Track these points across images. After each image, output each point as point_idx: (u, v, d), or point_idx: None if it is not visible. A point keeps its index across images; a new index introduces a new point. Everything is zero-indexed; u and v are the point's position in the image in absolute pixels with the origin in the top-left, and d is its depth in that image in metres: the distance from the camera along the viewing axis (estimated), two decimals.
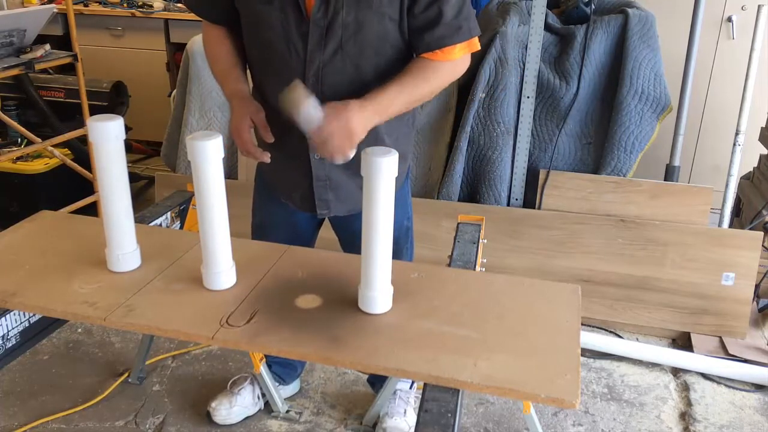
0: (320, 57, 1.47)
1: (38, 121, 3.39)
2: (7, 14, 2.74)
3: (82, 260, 1.44)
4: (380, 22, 1.44)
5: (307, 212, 1.74)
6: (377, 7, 1.42)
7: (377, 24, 1.44)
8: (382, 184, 1.17)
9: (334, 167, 1.60)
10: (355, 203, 1.69)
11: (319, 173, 1.63)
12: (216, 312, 1.27)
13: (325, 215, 1.73)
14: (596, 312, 2.63)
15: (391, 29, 1.46)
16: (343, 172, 1.63)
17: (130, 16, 4.08)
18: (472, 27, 1.48)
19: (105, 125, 1.29)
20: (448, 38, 1.45)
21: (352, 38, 1.45)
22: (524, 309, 1.32)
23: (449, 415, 1.15)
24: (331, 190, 1.66)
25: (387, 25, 1.45)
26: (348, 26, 1.43)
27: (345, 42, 1.45)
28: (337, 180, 1.65)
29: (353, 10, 1.42)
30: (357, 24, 1.43)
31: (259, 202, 1.88)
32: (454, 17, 1.44)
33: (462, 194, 2.81)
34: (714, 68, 3.45)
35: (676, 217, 2.57)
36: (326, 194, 1.67)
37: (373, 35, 1.45)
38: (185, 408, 2.15)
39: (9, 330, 1.48)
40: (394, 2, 1.42)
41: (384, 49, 1.48)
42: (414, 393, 2.08)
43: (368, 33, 1.44)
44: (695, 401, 2.25)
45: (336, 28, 1.44)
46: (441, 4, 1.42)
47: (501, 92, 2.70)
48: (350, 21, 1.43)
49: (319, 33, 1.45)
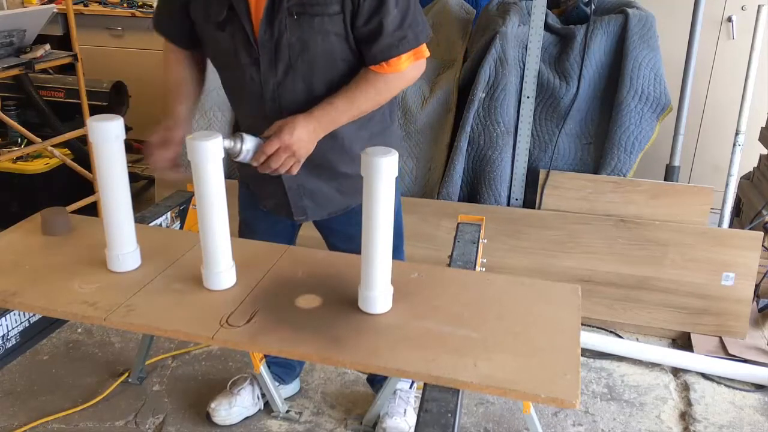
0: (273, 78, 1.50)
1: (38, 121, 3.38)
2: (7, 14, 2.74)
3: (82, 260, 1.44)
4: (324, 39, 1.45)
5: (285, 218, 1.75)
6: (319, 26, 1.43)
7: (321, 42, 1.45)
8: (382, 184, 1.17)
9: (307, 176, 1.63)
10: (334, 206, 1.71)
11: (290, 183, 1.65)
12: (216, 312, 1.27)
13: (303, 221, 1.75)
14: (596, 312, 2.63)
15: (338, 45, 1.47)
16: (316, 179, 1.65)
17: (130, 16, 4.08)
18: (418, 34, 1.47)
19: (105, 125, 1.29)
20: (393, 49, 1.45)
21: (300, 57, 1.47)
22: (524, 309, 1.32)
23: (449, 415, 1.15)
24: (306, 197, 1.68)
25: (333, 42, 1.46)
26: (293, 46, 1.45)
27: (294, 61, 1.47)
28: (311, 187, 1.66)
29: (296, 30, 1.44)
30: (302, 43, 1.45)
31: (242, 201, 1.90)
32: (397, 28, 1.44)
33: (462, 194, 2.81)
34: (714, 68, 3.45)
35: (676, 217, 2.57)
36: (301, 201, 1.69)
37: (320, 52, 1.47)
38: (185, 408, 2.15)
39: (9, 330, 1.48)
40: (336, 19, 1.43)
41: (334, 65, 1.50)
42: (414, 393, 2.08)
43: (314, 51, 1.46)
44: (695, 401, 2.25)
45: (283, 49, 1.46)
46: (381, 16, 1.42)
47: (501, 92, 2.70)
48: (295, 41, 1.45)
49: (269, 55, 1.47)
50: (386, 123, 1.69)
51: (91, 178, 3.11)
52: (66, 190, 3.22)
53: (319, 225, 1.83)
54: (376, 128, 1.65)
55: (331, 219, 1.74)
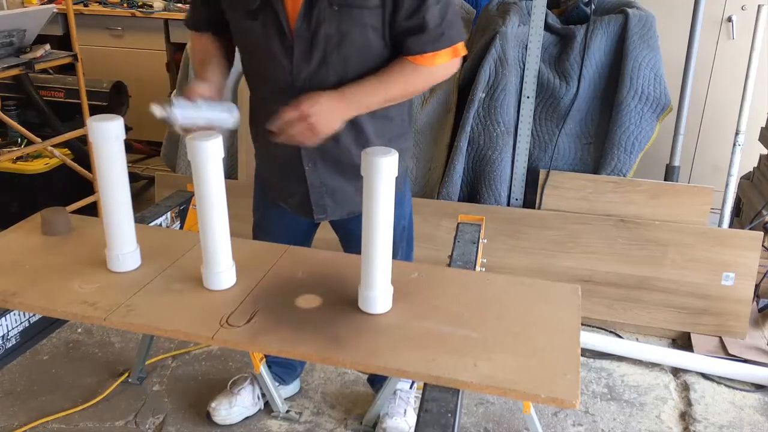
0: (306, 70, 1.49)
1: (38, 121, 3.38)
2: (7, 14, 2.74)
3: (82, 260, 1.44)
4: (362, 33, 1.45)
5: (306, 217, 1.74)
6: (359, 18, 1.43)
7: (360, 35, 1.45)
8: (381, 184, 1.17)
9: (329, 174, 1.63)
10: (353, 206, 1.70)
11: (313, 181, 1.65)
12: (216, 312, 1.27)
13: (322, 219, 1.74)
14: (596, 312, 2.63)
15: (374, 39, 1.47)
16: (339, 177, 1.64)
17: (130, 16, 4.08)
18: (454, 35, 1.49)
19: (105, 125, 1.29)
20: (430, 45, 1.47)
21: (336, 50, 1.47)
22: (524, 309, 1.32)
23: (449, 415, 1.15)
24: (327, 196, 1.67)
25: (369, 36, 1.46)
26: (331, 38, 1.45)
27: (329, 54, 1.47)
28: (333, 185, 1.66)
29: (335, 22, 1.43)
30: (340, 35, 1.45)
31: (257, 202, 1.90)
32: (437, 25, 1.45)
33: (462, 194, 2.81)
34: (714, 68, 3.45)
35: (676, 217, 2.57)
36: (323, 200, 1.68)
37: (357, 46, 1.47)
38: (185, 408, 2.15)
39: (9, 330, 1.48)
40: (376, 12, 1.43)
41: (368, 59, 1.50)
42: (414, 393, 2.08)
43: (351, 44, 1.46)
44: (695, 401, 2.25)
45: (320, 41, 1.46)
46: (424, 13, 1.43)
47: (501, 92, 2.70)
48: (333, 33, 1.44)
49: (304, 46, 1.47)
50: (405, 127, 1.70)
51: (91, 178, 3.11)
52: (66, 190, 3.22)
53: (337, 225, 1.82)
54: (396, 130, 1.66)
55: (350, 220, 1.73)
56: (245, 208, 1.89)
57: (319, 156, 1.61)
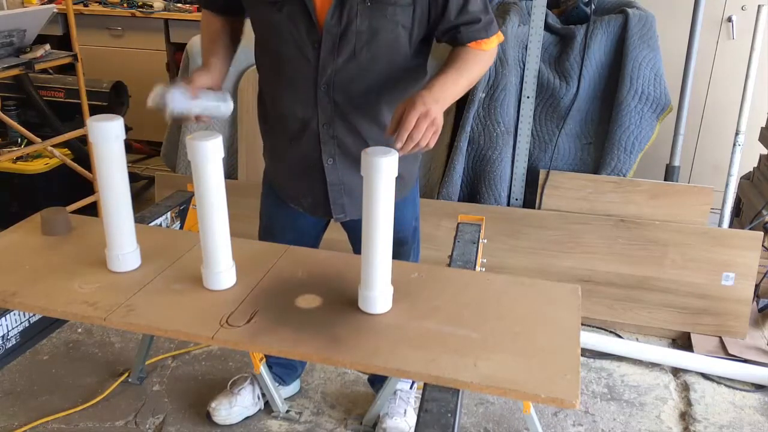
0: (333, 65, 1.48)
1: (38, 121, 3.39)
2: (7, 14, 2.74)
3: (82, 260, 1.44)
4: (393, 30, 1.45)
5: (321, 217, 1.73)
6: (391, 15, 1.43)
7: (391, 32, 1.45)
8: (382, 184, 1.17)
9: (348, 172, 1.61)
10: None
11: (332, 179, 1.63)
12: (216, 312, 1.27)
13: (341, 219, 1.71)
14: (596, 312, 2.63)
15: (403, 37, 1.47)
16: (356, 174, 1.62)
17: (130, 16, 4.08)
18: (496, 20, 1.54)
19: (105, 125, 1.29)
20: (483, 32, 1.50)
21: (366, 46, 1.46)
22: (524, 309, 1.32)
23: (449, 415, 1.15)
24: (346, 195, 1.66)
25: (399, 33, 1.46)
26: (362, 34, 1.44)
27: (358, 50, 1.46)
28: (351, 184, 1.64)
29: (367, 18, 1.42)
30: (371, 31, 1.44)
31: (266, 205, 1.87)
32: (485, 13, 1.49)
33: (462, 194, 2.81)
34: (714, 68, 3.45)
35: (676, 217, 2.57)
36: (341, 199, 1.66)
37: (386, 43, 1.46)
38: (185, 408, 2.15)
39: (9, 330, 1.48)
40: (408, 10, 1.44)
41: (395, 57, 1.50)
42: (414, 393, 2.08)
43: (381, 41, 1.46)
44: (695, 401, 2.25)
45: (350, 36, 1.44)
46: (470, 6, 1.46)
47: (501, 92, 2.70)
48: (364, 29, 1.44)
49: (332, 41, 1.45)
50: None
51: (91, 178, 3.11)
52: (66, 190, 3.22)
53: (349, 227, 1.81)
54: None
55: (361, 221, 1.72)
56: (245, 208, 1.89)
57: (339, 152, 1.59)
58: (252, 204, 1.96)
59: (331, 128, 1.56)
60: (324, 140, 1.57)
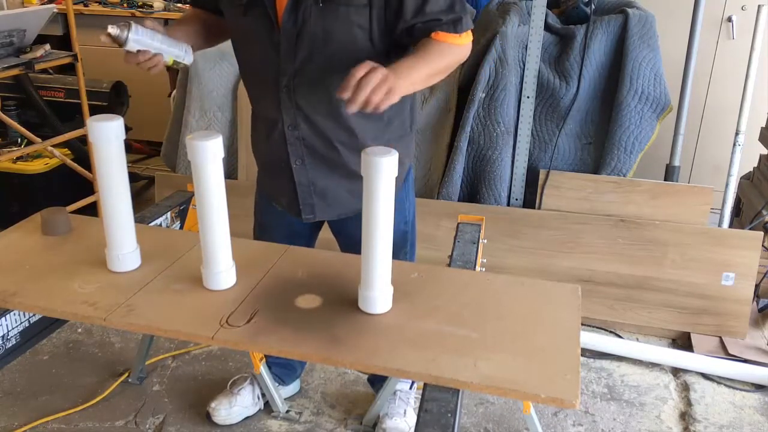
0: (292, 66, 1.49)
1: (38, 121, 3.39)
2: (7, 14, 2.74)
3: (82, 260, 1.44)
4: (349, 31, 1.44)
5: (295, 217, 1.73)
6: (344, 16, 1.42)
7: (346, 33, 1.44)
8: (381, 184, 1.17)
9: (319, 173, 1.62)
10: (345, 207, 1.69)
11: (301, 179, 1.64)
12: (216, 312, 1.27)
13: (310, 220, 1.71)
14: (596, 312, 2.63)
15: (361, 37, 1.46)
16: (328, 177, 1.64)
17: (130, 16, 4.08)
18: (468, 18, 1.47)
19: (105, 125, 1.29)
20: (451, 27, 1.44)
21: (321, 47, 1.46)
22: (524, 309, 1.32)
23: (449, 415, 1.15)
24: (316, 195, 1.66)
25: (356, 35, 1.45)
26: (317, 36, 1.45)
27: (314, 51, 1.47)
28: (322, 185, 1.64)
29: (321, 18, 1.43)
30: (325, 33, 1.44)
31: (258, 203, 1.89)
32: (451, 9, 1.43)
33: (462, 194, 2.81)
34: (714, 68, 3.45)
35: (676, 217, 2.57)
36: (310, 199, 1.67)
37: (342, 44, 1.46)
38: (185, 408, 2.15)
39: (9, 330, 1.48)
40: (363, 11, 1.42)
41: (354, 58, 1.46)
42: (414, 393, 2.08)
43: (337, 42, 1.45)
44: (695, 401, 2.25)
45: (305, 38, 1.45)
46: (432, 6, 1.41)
47: (501, 92, 2.70)
48: (318, 30, 1.44)
49: (290, 42, 1.47)
50: (405, 130, 1.68)
51: (91, 178, 3.11)
52: (66, 190, 3.22)
53: (333, 228, 1.82)
54: (395, 133, 1.64)
55: (345, 222, 1.72)
56: (245, 208, 1.89)
57: (307, 153, 1.60)
58: (252, 204, 1.96)
59: (297, 130, 1.57)
60: (290, 141, 1.59)
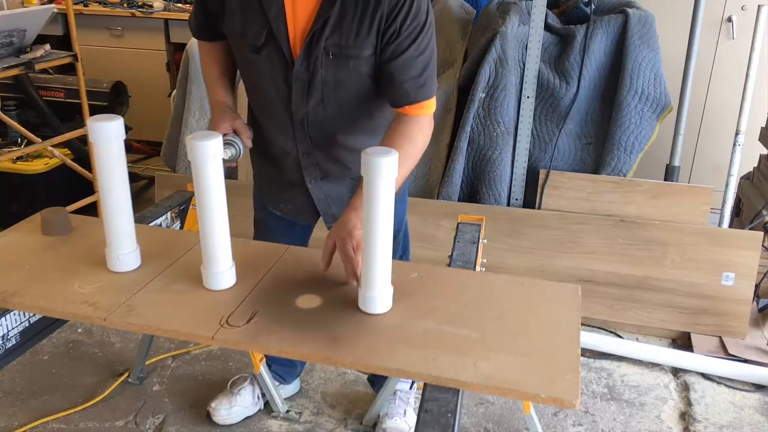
0: (303, 108, 1.52)
1: (38, 121, 3.38)
2: (7, 14, 2.74)
3: (82, 260, 1.44)
4: (358, 78, 1.47)
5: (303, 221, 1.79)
6: (354, 67, 1.45)
7: (356, 81, 1.47)
8: (381, 184, 1.17)
9: (332, 186, 1.67)
10: None
11: (318, 195, 1.68)
12: (216, 312, 1.27)
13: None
14: (596, 312, 2.63)
15: (368, 82, 1.49)
16: (338, 185, 1.68)
17: (130, 16, 4.08)
18: (433, 88, 1.48)
19: (105, 125, 1.29)
20: (418, 94, 1.44)
21: (333, 94, 1.49)
22: (524, 309, 1.32)
23: (449, 415, 1.15)
24: (334, 204, 1.70)
25: (365, 81, 1.48)
26: (328, 83, 1.47)
27: (326, 97, 1.50)
28: (337, 195, 1.69)
29: (332, 69, 1.45)
30: (336, 82, 1.47)
31: (256, 201, 1.91)
32: (419, 76, 1.44)
33: (462, 194, 2.81)
34: (714, 68, 3.45)
35: (676, 217, 2.57)
36: (330, 209, 1.71)
37: (353, 91, 1.49)
38: (185, 408, 2.15)
39: (9, 330, 1.48)
40: (369, 60, 1.45)
41: (364, 99, 1.52)
42: (414, 393, 2.08)
43: (347, 90, 1.49)
44: (695, 401, 2.25)
45: (317, 84, 1.48)
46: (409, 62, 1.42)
47: (501, 92, 2.70)
48: (330, 79, 1.47)
49: (302, 87, 1.49)
50: None
51: (91, 178, 3.11)
52: (66, 190, 3.22)
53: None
54: None
55: None
56: (245, 208, 1.89)
57: (321, 174, 1.65)
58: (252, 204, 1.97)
59: (312, 157, 1.61)
60: (305, 166, 1.63)
